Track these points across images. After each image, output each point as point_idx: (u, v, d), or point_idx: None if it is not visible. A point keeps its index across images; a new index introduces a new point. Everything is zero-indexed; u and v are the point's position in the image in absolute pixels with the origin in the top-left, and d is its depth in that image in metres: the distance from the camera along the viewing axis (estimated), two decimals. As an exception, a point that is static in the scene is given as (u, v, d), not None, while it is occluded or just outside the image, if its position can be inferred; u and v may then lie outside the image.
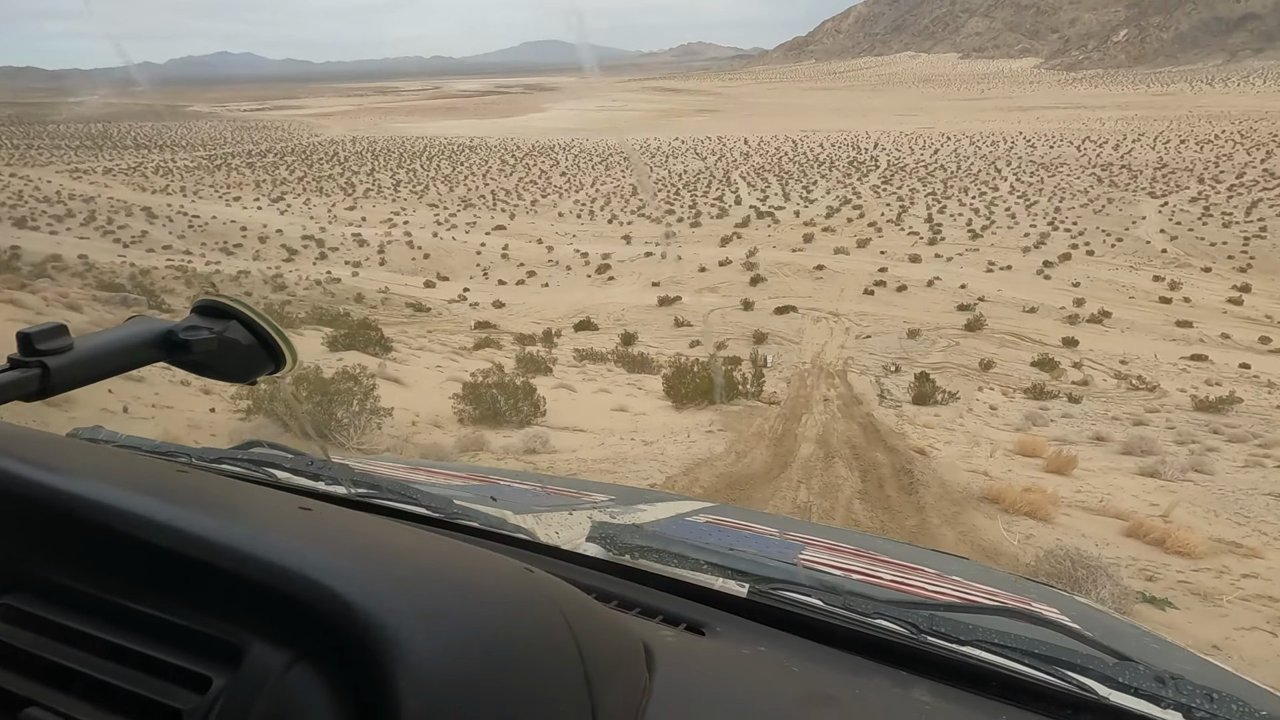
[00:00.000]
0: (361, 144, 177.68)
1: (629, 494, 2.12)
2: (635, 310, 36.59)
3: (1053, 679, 0.80)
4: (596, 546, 1.01)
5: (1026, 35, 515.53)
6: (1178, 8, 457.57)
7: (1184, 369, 26.97)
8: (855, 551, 1.69)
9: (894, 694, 0.77)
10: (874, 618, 0.86)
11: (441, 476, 1.83)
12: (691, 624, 0.84)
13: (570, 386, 11.16)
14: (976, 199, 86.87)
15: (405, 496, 1.10)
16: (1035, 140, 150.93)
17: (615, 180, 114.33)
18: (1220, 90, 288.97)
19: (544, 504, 1.51)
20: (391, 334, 23.17)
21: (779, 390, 14.48)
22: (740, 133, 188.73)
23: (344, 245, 65.93)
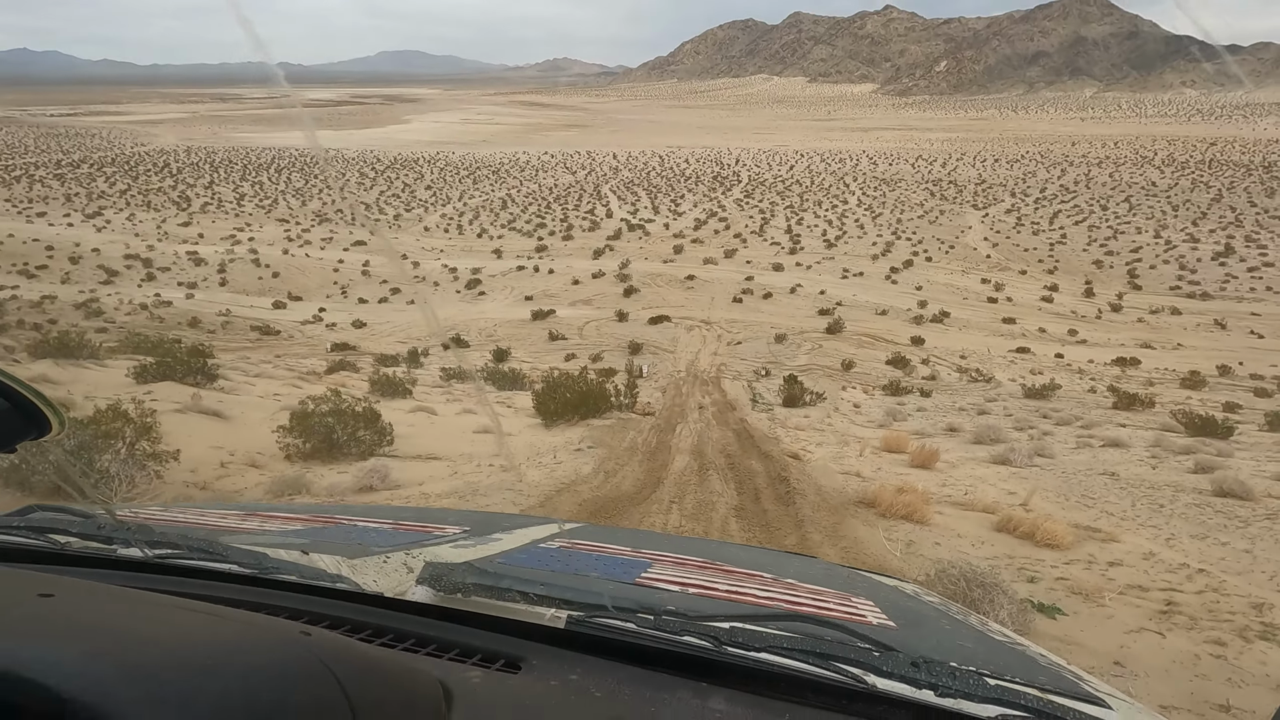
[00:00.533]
0: (198, 154, 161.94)
1: (486, 522, 2.08)
2: (508, 325, 35.44)
3: (831, 674, 0.87)
4: (425, 589, 1.01)
5: (864, 63, 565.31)
6: (986, 43, 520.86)
7: (1012, 360, 29.98)
8: (700, 564, 1.75)
9: (691, 705, 0.83)
10: (681, 634, 0.92)
11: (279, 520, 1.71)
12: (509, 660, 0.87)
13: (431, 409, 10.21)
14: (829, 211, 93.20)
15: (211, 554, 1.05)
16: (876, 158, 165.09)
17: (484, 194, 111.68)
18: (1022, 116, 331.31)
19: (387, 543, 1.38)
20: (230, 359, 20.71)
21: (655, 400, 14.26)
22: (608, 147, 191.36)
23: (177, 265, 59.20)
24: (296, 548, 1.15)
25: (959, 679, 0.86)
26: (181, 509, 2.03)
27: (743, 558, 2.22)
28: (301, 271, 57.35)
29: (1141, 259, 66.14)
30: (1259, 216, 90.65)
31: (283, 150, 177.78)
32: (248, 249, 65.16)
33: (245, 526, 1.61)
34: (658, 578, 1.46)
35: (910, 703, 0.86)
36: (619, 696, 0.82)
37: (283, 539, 1.44)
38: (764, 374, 22.28)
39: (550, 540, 1.79)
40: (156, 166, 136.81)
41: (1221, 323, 43.85)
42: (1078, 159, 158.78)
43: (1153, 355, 34.29)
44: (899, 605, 1.61)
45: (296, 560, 1.07)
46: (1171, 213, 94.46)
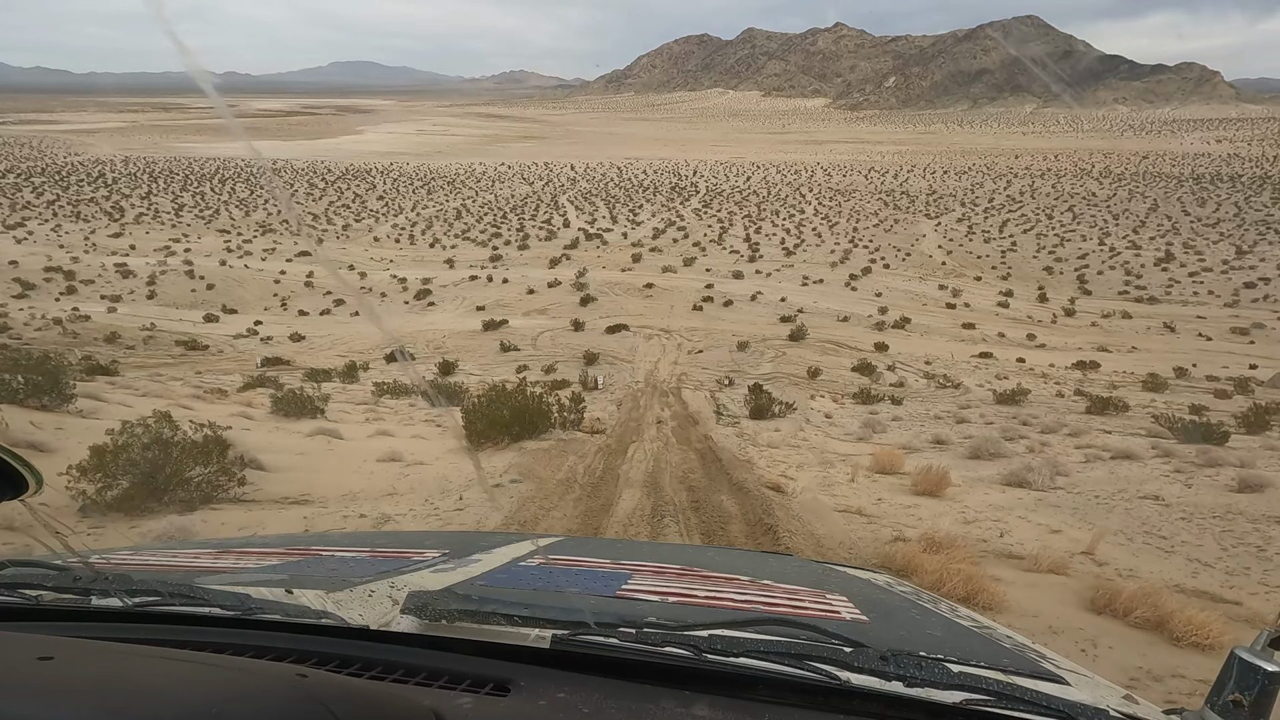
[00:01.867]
0: (136, 165, 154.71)
1: (465, 543, 2.09)
2: (458, 336, 33.57)
3: (806, 673, 0.91)
4: (410, 619, 1.02)
5: (816, 78, 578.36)
6: (932, 60, 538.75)
7: (976, 366, 29.48)
8: (679, 571, 1.82)
9: (675, 713, 0.85)
10: (663, 646, 0.95)
11: (254, 556, 1.71)
12: (498, 683, 0.89)
13: (335, 433, 8.56)
14: (787, 220, 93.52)
15: (192, 599, 1.04)
16: (830, 169, 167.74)
17: (439, 204, 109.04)
18: (968, 130, 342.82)
19: (367, 573, 1.39)
20: (135, 376, 18.48)
21: (608, 415, 12.84)
22: (566, 159, 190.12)
23: (102, 277, 55.43)
24: (277, 585, 1.15)
25: (925, 669, 0.90)
26: (153, 550, 1.92)
27: (720, 561, 2.26)
28: (240, 284, 54.21)
29: (1089, 265, 67.68)
30: (1193, 225, 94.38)
31: (228, 161, 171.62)
32: (182, 261, 61.53)
33: (221, 565, 1.57)
34: (637, 588, 1.50)
35: (881, 695, 0.90)
36: (605, 711, 0.84)
37: (262, 576, 1.41)
38: (727, 383, 21.05)
39: (530, 557, 1.80)
40: (90, 177, 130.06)
41: (1171, 326, 44.63)
42: (1021, 171, 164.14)
43: (1110, 358, 34.35)
44: (872, 598, 1.67)
45: (279, 599, 1.07)
46: (1113, 221, 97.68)
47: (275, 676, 0.67)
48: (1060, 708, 0.89)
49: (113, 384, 13.80)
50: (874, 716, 0.90)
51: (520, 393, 8.64)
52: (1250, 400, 22.39)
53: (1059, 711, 0.88)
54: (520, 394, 8.56)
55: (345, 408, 13.17)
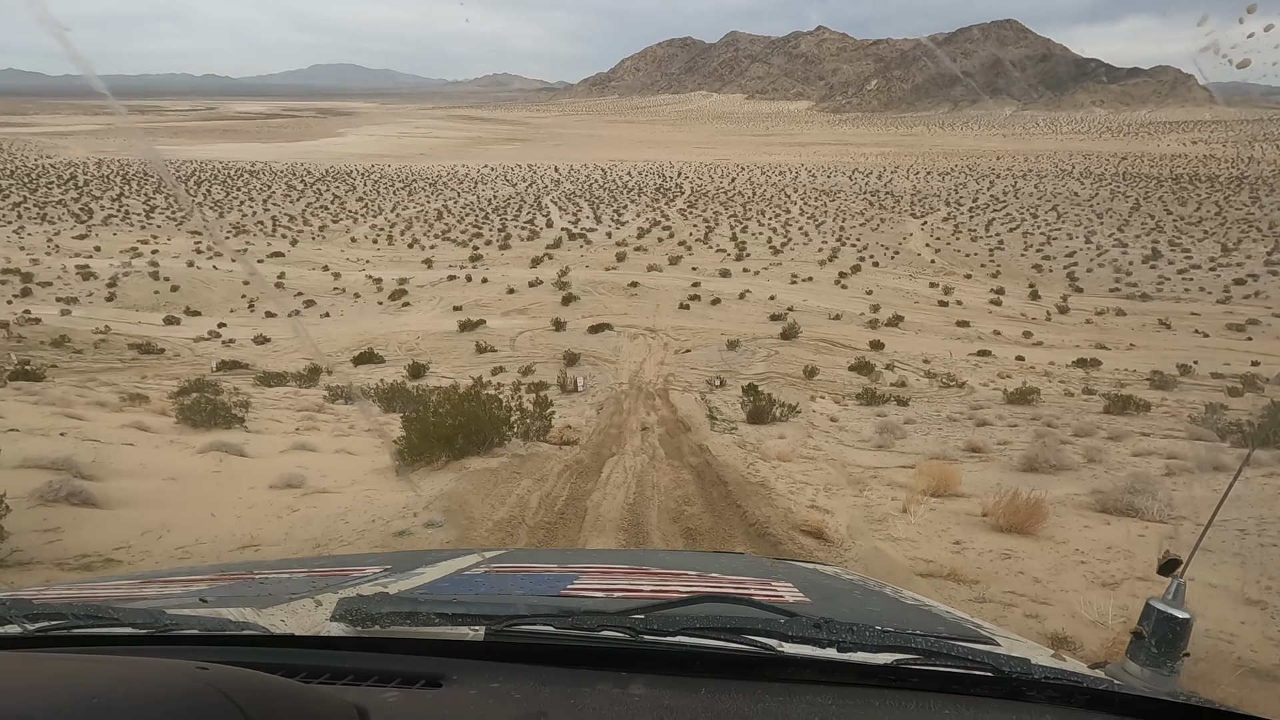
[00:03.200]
0: (110, 167, 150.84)
1: (408, 559, 2.00)
2: (433, 338, 31.81)
3: (742, 646, 0.92)
4: (340, 625, 0.99)
5: (799, 81, 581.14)
6: (913, 64, 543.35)
7: (975, 364, 28.23)
8: (627, 570, 1.79)
9: (612, 695, 0.86)
10: (599, 630, 0.95)
11: (180, 584, 1.64)
12: (430, 679, 0.88)
13: (237, 449, 6.86)
14: (773, 220, 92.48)
15: (99, 619, 0.98)
16: (815, 171, 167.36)
17: (419, 205, 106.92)
18: (949, 133, 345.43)
19: (300, 591, 1.34)
20: (66, 381, 16.65)
21: (585, 421, 11.28)
22: (550, 161, 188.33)
23: (61, 279, 52.97)
24: (196, 602, 1.12)
25: (856, 633, 0.92)
26: (66, 585, 1.77)
27: (669, 560, 2.21)
28: (207, 285, 51.95)
29: (1077, 263, 67.10)
30: (1176, 223, 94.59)
31: (205, 162, 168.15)
32: (148, 262, 59.11)
33: (143, 594, 1.48)
34: (582, 588, 1.47)
35: (815, 661, 0.92)
36: (539, 696, 0.84)
37: (183, 599, 1.33)
38: (718, 384, 19.51)
39: (475, 568, 1.75)
40: (61, 180, 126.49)
41: (1166, 323, 43.84)
42: (1003, 172, 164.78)
43: (1109, 356, 33.30)
44: (816, 584, 1.67)
45: (195, 613, 1.04)
46: (1097, 220, 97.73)
47: (171, 668, 0.64)
48: (986, 660, 0.91)
49: (19, 390, 12.03)
50: (808, 683, 0.91)
51: (472, 396, 7.02)
52: (1266, 399, 21.29)
53: (985, 664, 0.91)
54: (471, 397, 6.95)
55: (282, 415, 11.48)
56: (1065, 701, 0.91)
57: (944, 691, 0.91)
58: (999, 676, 0.91)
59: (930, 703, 0.88)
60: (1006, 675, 0.91)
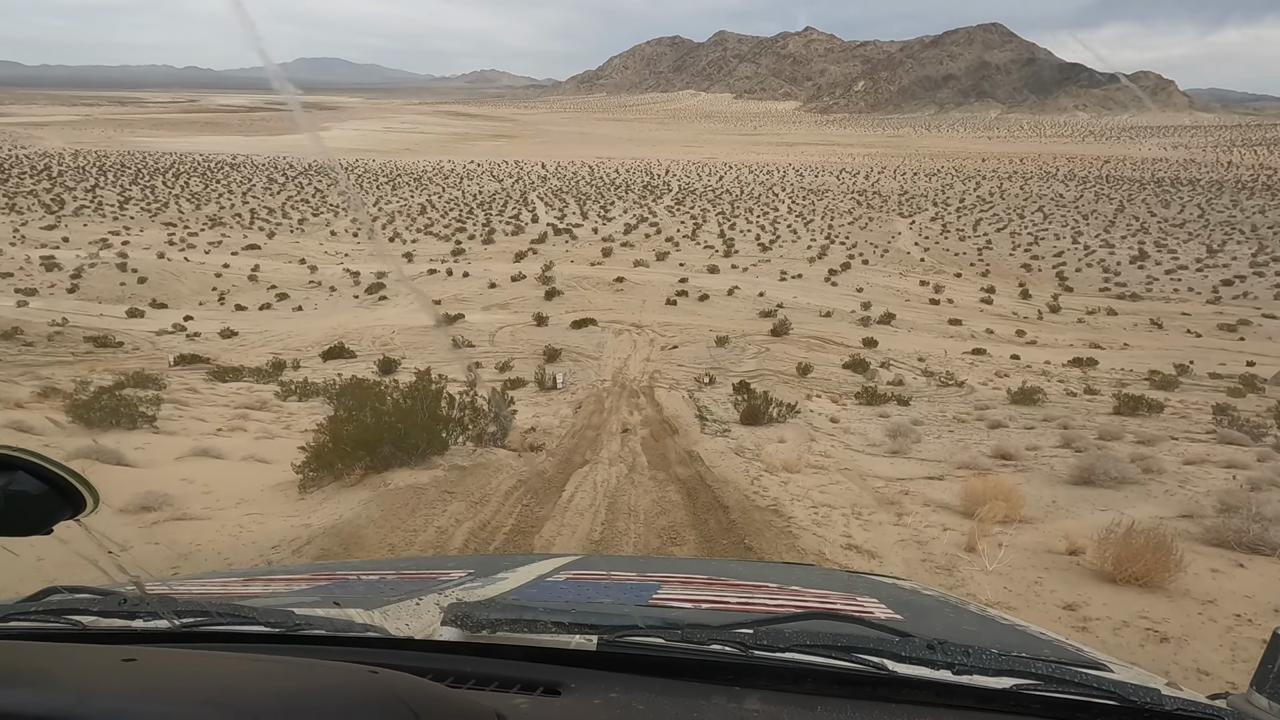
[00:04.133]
0: (86, 158, 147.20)
1: (488, 563, 2.09)
2: (409, 332, 30.45)
3: (853, 664, 0.91)
4: (453, 629, 1.03)
5: (787, 81, 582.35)
6: (899, 65, 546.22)
7: (971, 363, 27.39)
8: (707, 581, 1.81)
9: (728, 709, 0.86)
10: (709, 644, 0.95)
11: (281, 583, 1.73)
12: (548, 686, 0.89)
13: (115, 455, 5.53)
14: (761, 218, 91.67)
15: (239, 617, 1.04)
16: (803, 170, 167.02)
17: (403, 200, 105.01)
18: (935, 134, 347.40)
19: (397, 593, 1.39)
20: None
21: (560, 421, 10.12)
22: (537, 157, 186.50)
23: (23, 270, 50.85)
24: (318, 603, 1.16)
25: (973, 656, 0.90)
26: (184, 580, 1.85)
27: (745, 572, 2.24)
28: (177, 277, 50.10)
29: (1066, 263, 66.83)
30: (1161, 225, 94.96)
31: (185, 155, 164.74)
32: (117, 253, 57.05)
33: (254, 591, 1.54)
34: (669, 598, 1.50)
35: (930, 683, 0.90)
36: (661, 707, 0.84)
37: (299, 598, 1.41)
38: (707, 381, 18.39)
39: (556, 574, 1.78)
40: (34, 170, 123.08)
41: (1158, 322, 43.39)
42: (989, 173, 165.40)
43: (1104, 355, 32.63)
44: (901, 599, 1.64)
45: (326, 614, 1.07)
46: (1083, 221, 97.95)
47: (349, 672, 0.68)
48: (1111, 688, 0.87)
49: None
50: (922, 705, 0.89)
51: (416, 392, 5.77)
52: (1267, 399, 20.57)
53: (1110, 692, 0.87)
54: (414, 393, 5.72)
55: (212, 414, 10.21)
56: None
57: (1068, 719, 0.88)
58: (1127, 706, 0.86)
59: None
60: (1136, 705, 0.86)
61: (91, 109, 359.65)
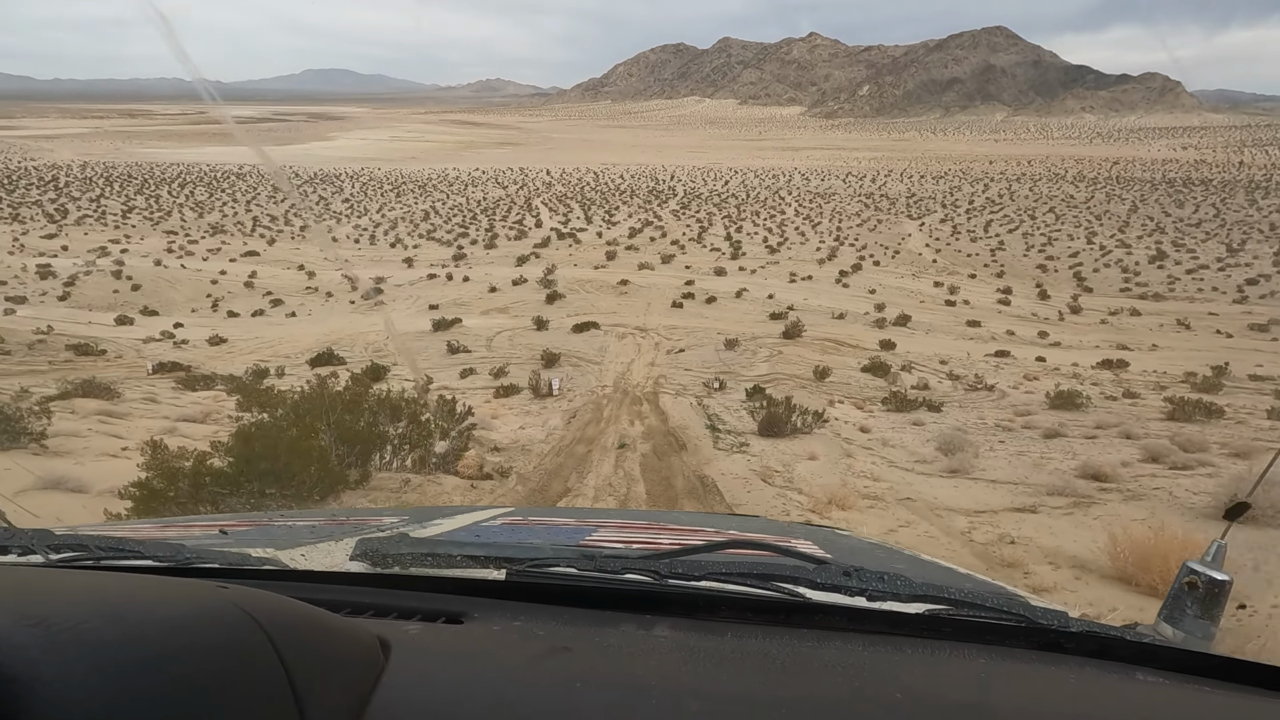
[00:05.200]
0: (94, 169, 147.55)
1: (427, 513, 2.03)
2: (404, 337, 29.22)
3: (770, 592, 0.92)
4: (361, 563, 1.00)
5: (792, 86, 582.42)
6: (904, 70, 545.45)
7: (996, 365, 25.88)
8: (644, 525, 1.82)
9: (636, 636, 0.85)
10: (622, 574, 0.94)
11: (200, 529, 1.65)
12: (451, 616, 0.88)
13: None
14: (768, 220, 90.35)
15: (121, 551, 0.99)
16: (808, 174, 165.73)
17: (407, 206, 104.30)
18: (941, 138, 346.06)
19: (319, 537, 1.34)
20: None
21: (546, 434, 8.73)
22: (542, 164, 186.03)
23: (18, 278, 50.05)
24: (217, 540, 1.13)
25: (887, 582, 0.91)
26: (90, 526, 1.78)
27: (686, 519, 2.24)
28: (171, 284, 49.11)
29: (1082, 263, 65.12)
30: (1177, 225, 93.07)
31: (191, 165, 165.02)
32: (113, 261, 56.22)
33: (164, 535, 1.48)
34: (602, 539, 1.49)
35: (844, 609, 0.91)
36: (562, 635, 0.84)
37: (205, 539, 1.36)
38: (717, 386, 16.91)
39: (491, 520, 1.75)
40: (41, 181, 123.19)
41: (1185, 323, 41.70)
42: (997, 175, 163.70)
43: (1133, 357, 31.01)
44: (836, 543, 1.68)
45: (217, 548, 1.04)
46: (1095, 222, 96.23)
47: (191, 586, 0.63)
48: (1021, 610, 0.90)
49: None
50: (837, 630, 0.89)
51: (302, 405, 4.35)
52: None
53: (1017, 614, 0.89)
54: (302, 406, 4.28)
55: (143, 426, 8.89)
56: (1105, 655, 0.88)
57: (978, 641, 0.89)
58: (1034, 627, 0.89)
59: (964, 651, 0.86)
60: (1043, 627, 0.89)
61: (101, 121, 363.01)
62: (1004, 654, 0.87)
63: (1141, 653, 0.88)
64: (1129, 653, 0.88)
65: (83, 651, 0.45)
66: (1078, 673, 0.84)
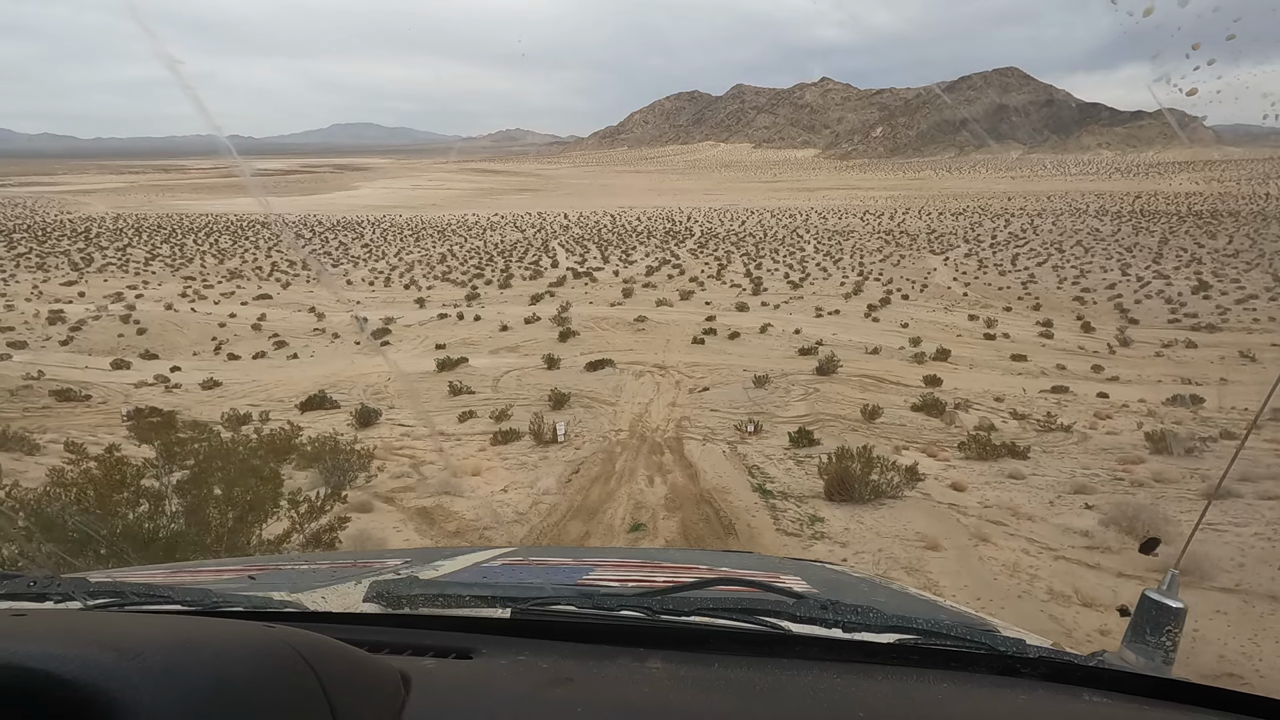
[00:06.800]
0: (126, 221, 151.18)
1: (426, 554, 2.13)
2: (406, 379, 27.26)
3: (754, 626, 0.98)
4: (374, 605, 1.05)
5: (805, 130, 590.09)
6: (917, 111, 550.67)
7: (1058, 403, 23.15)
8: (640, 563, 1.89)
9: (631, 667, 0.91)
10: (618, 610, 1.00)
11: (209, 574, 1.72)
12: (461, 652, 0.94)
13: None
14: (788, 257, 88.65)
15: (154, 596, 1.04)
16: (825, 213, 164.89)
17: (424, 250, 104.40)
18: (956, 176, 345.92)
19: (329, 580, 1.41)
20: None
21: (533, 500, 6.52)
22: (560, 209, 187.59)
23: (26, 324, 49.39)
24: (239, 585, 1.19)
25: (861, 615, 0.97)
26: (104, 573, 1.82)
27: (680, 557, 2.35)
28: (179, 328, 48.08)
29: (1122, 295, 62.13)
30: (1213, 255, 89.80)
31: (219, 216, 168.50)
32: (125, 306, 55.61)
33: (178, 580, 1.53)
34: (599, 578, 1.56)
35: (822, 640, 0.97)
36: (565, 668, 0.89)
37: (223, 583, 1.44)
38: (751, 430, 14.49)
39: (492, 561, 1.82)
40: (74, 232, 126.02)
41: (1249, 355, 38.54)
42: (1017, 211, 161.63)
43: (1205, 392, 28.05)
44: (823, 579, 1.74)
45: (243, 591, 1.10)
46: (1127, 254, 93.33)
47: (240, 626, 0.69)
48: (983, 639, 0.96)
49: None
50: (815, 660, 0.95)
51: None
52: None
53: (981, 643, 0.95)
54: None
55: None
56: (1060, 679, 0.94)
57: (943, 668, 0.94)
58: (994, 654, 0.94)
59: (929, 677, 0.92)
60: (1002, 654, 0.94)
61: (137, 176, 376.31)
62: (965, 679, 0.92)
63: (1091, 675, 0.93)
64: (1080, 675, 0.93)
65: (173, 681, 0.51)
66: (1030, 694, 0.90)
